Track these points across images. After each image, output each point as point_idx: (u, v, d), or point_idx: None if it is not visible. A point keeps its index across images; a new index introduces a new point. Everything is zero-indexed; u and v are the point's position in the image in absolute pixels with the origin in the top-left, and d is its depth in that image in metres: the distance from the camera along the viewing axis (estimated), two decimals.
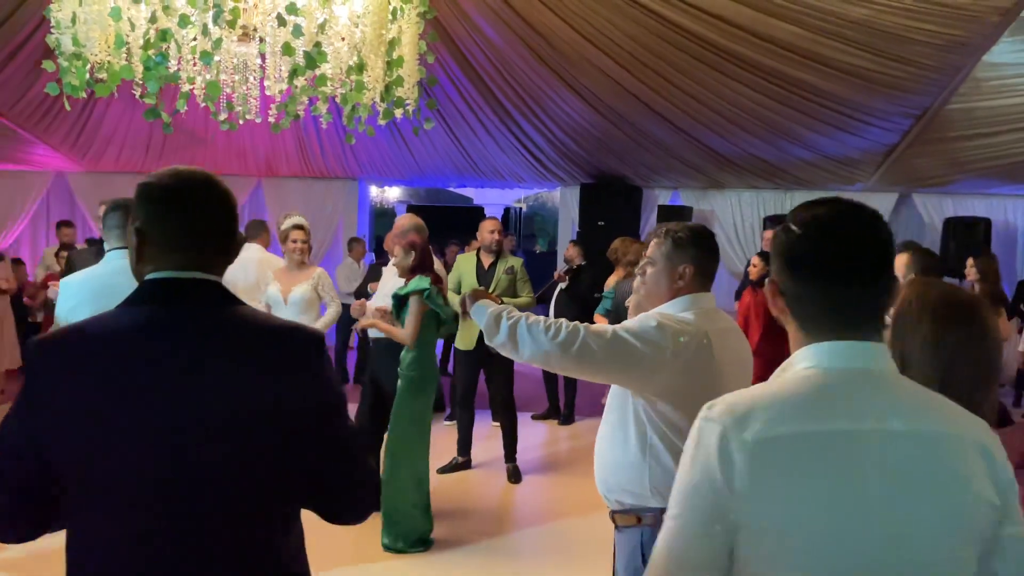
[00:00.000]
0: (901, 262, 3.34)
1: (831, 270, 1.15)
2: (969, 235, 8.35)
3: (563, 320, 2.07)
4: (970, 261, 5.95)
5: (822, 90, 6.19)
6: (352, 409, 4.58)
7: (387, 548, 4.09)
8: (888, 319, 1.63)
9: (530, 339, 2.05)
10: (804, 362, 1.17)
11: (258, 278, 5.16)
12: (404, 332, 4.04)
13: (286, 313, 4.69)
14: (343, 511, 1.43)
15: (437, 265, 4.86)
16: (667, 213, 9.11)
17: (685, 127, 7.54)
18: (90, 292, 2.88)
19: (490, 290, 5.31)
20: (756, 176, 8.89)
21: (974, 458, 1.11)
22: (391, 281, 4.53)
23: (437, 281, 4.07)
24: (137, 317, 1.32)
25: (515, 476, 5.39)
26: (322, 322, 4.73)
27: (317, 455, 1.34)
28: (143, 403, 1.25)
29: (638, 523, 2.10)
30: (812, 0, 4.82)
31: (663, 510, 1.20)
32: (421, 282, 4.00)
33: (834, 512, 1.05)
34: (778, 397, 1.12)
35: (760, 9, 5.09)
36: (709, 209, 9.66)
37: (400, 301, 4.08)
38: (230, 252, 1.44)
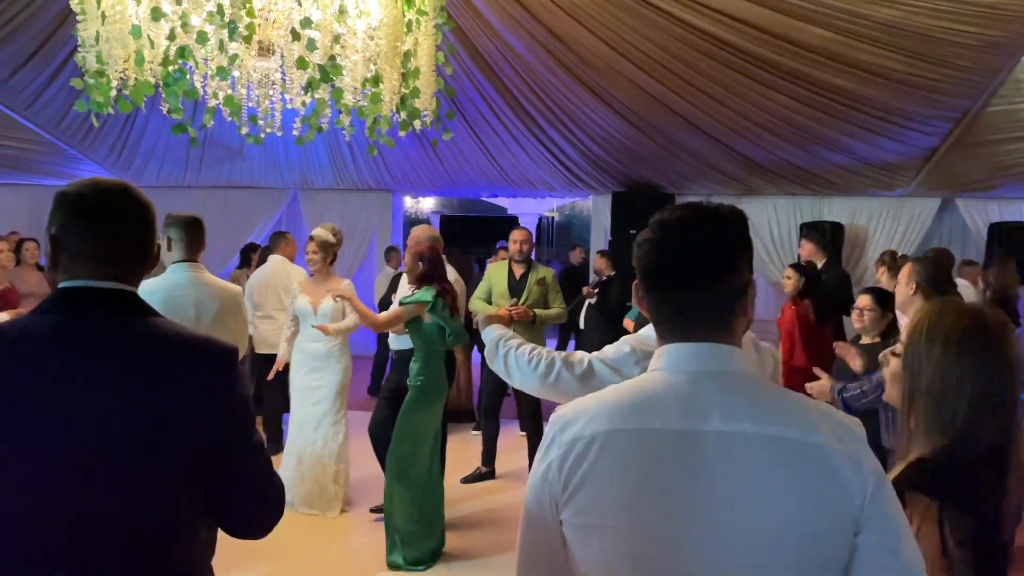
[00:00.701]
0: (904, 273, 3.24)
1: (667, 274, 1.17)
2: (1016, 240, 8.08)
3: (544, 351, 2.19)
4: (976, 269, 5.70)
5: (855, 94, 6.06)
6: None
7: (390, 566, 4.04)
8: (900, 344, 1.60)
9: (516, 369, 2.19)
10: (654, 364, 1.19)
11: (277, 288, 5.23)
12: (378, 319, 4.16)
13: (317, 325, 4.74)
14: (241, 525, 1.43)
15: (453, 275, 4.87)
16: None
17: (717, 134, 7.44)
18: (156, 304, 2.99)
19: (521, 300, 5.29)
20: (791, 182, 8.73)
21: (829, 464, 1.06)
22: (405, 290, 4.57)
23: (443, 294, 4.05)
24: (45, 324, 1.30)
25: None
26: (335, 327, 4.75)
27: (221, 468, 1.34)
28: (40, 411, 1.24)
29: None
30: (842, 3, 4.73)
31: None
32: (426, 293, 4.01)
33: (647, 510, 1.06)
34: (608, 399, 1.15)
35: (789, 13, 5.01)
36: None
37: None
38: (145, 262, 1.45)
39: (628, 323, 7.49)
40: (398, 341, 4.65)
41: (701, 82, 6.35)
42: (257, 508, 1.42)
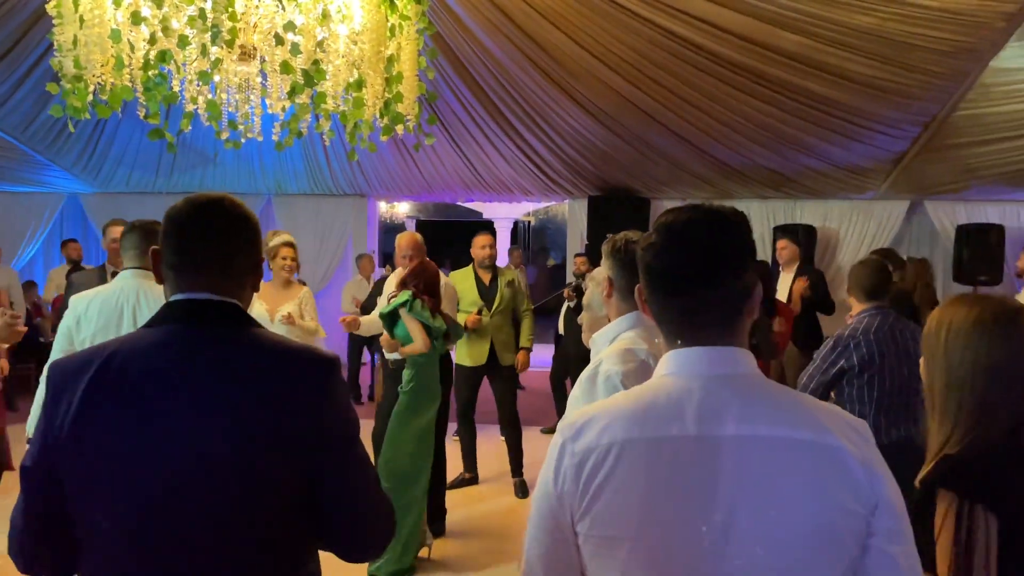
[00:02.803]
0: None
1: (674, 276, 1.16)
2: (982, 242, 8.26)
3: None
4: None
5: (829, 99, 6.15)
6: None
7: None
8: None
9: None
10: (662, 369, 1.18)
11: None
12: (412, 345, 4.00)
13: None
14: (356, 548, 1.36)
15: (444, 280, 4.86)
16: None
17: (692, 139, 7.51)
18: (96, 310, 2.93)
19: (494, 305, 5.29)
20: (765, 186, 8.85)
21: (844, 466, 1.07)
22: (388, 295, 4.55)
23: (420, 294, 4.01)
24: (158, 338, 1.31)
25: (522, 491, 5.36)
26: (301, 323, 4.67)
27: (328, 487, 1.28)
28: (154, 430, 1.23)
29: None
30: (817, 10, 4.80)
31: None
32: (402, 296, 3.98)
33: (668, 519, 1.05)
34: (621, 406, 1.14)
35: (765, 19, 5.07)
36: None
37: (389, 319, 4.05)
38: (245, 274, 1.42)
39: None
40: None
41: (677, 87, 6.41)
42: (366, 528, 1.36)
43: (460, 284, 5.33)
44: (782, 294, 6.36)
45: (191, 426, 1.22)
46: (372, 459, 4.28)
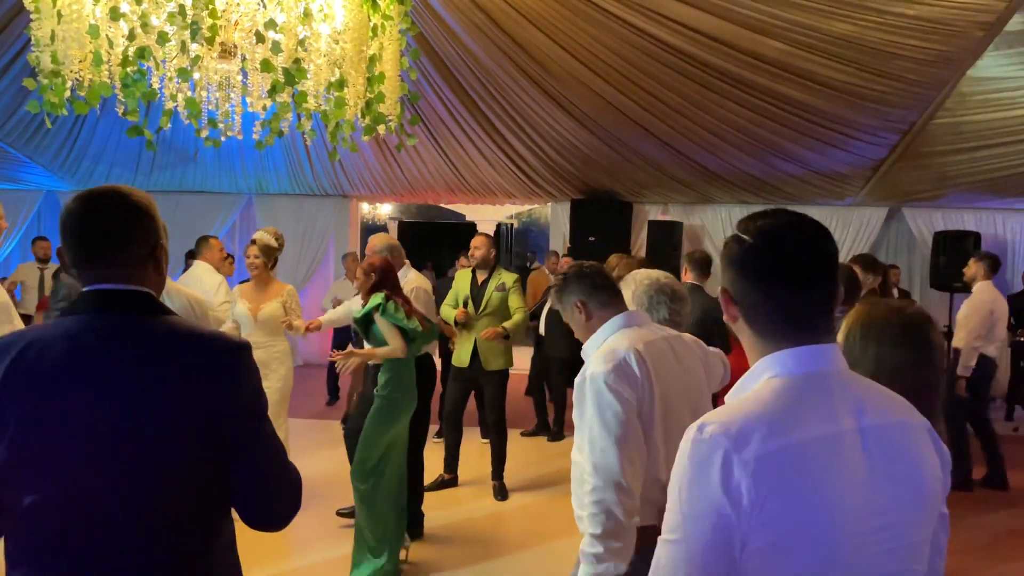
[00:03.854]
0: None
1: (784, 278, 1.19)
2: (959, 249, 8.37)
3: (583, 514, 2.04)
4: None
5: (809, 105, 6.21)
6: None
7: None
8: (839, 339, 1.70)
9: (604, 553, 1.99)
10: (768, 371, 1.18)
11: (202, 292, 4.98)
12: (387, 348, 3.94)
13: (256, 332, 4.64)
14: (262, 517, 1.46)
15: (419, 280, 4.84)
16: (657, 228, 9.12)
17: (673, 143, 7.56)
18: None
19: (481, 306, 5.31)
20: (745, 191, 8.91)
21: (927, 441, 1.22)
22: (350, 300, 4.55)
23: (393, 296, 3.95)
24: (72, 326, 1.38)
25: (501, 493, 5.35)
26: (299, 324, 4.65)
27: (238, 462, 1.39)
28: (68, 410, 1.31)
29: None
30: (797, 16, 4.84)
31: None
32: (374, 299, 3.92)
33: (833, 517, 1.08)
34: (764, 411, 1.12)
35: (745, 25, 5.11)
36: (700, 224, 9.68)
37: (364, 323, 4.00)
38: (141, 262, 1.47)
39: None
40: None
41: (659, 91, 6.44)
42: (272, 500, 1.45)
43: (460, 283, 5.50)
44: None
45: (104, 408, 1.31)
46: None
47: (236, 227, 10.56)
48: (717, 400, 2.21)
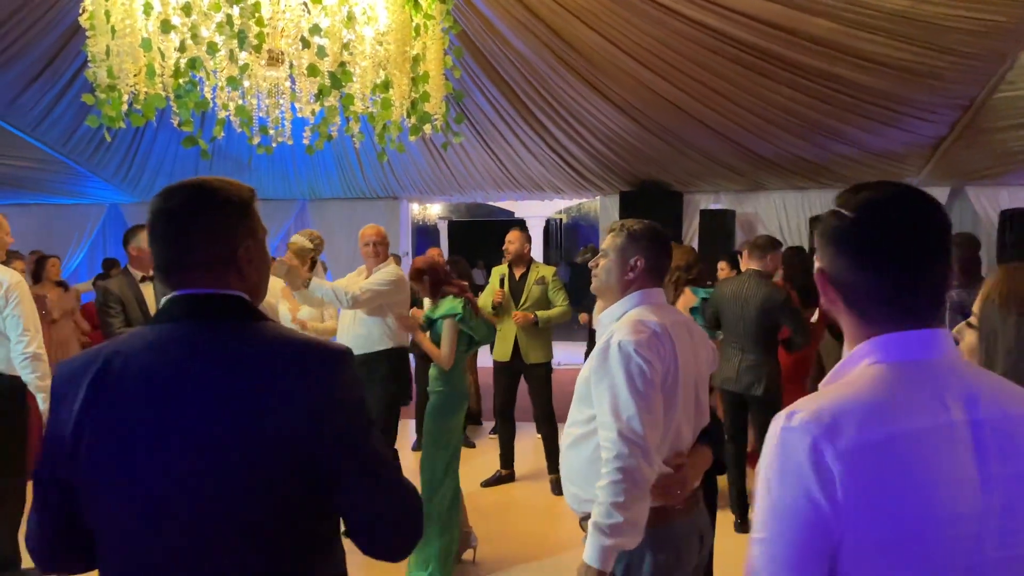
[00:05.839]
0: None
1: (890, 255, 1.09)
2: None
3: (601, 487, 1.99)
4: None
5: (861, 84, 6.04)
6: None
7: None
8: (974, 317, 1.61)
9: (624, 524, 1.95)
10: (868, 357, 1.10)
11: None
12: (437, 351, 3.96)
13: None
14: (380, 547, 1.30)
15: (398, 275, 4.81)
16: (709, 218, 9.00)
17: (723, 130, 7.43)
18: None
19: (521, 301, 5.36)
20: (799, 176, 8.72)
21: None
22: (355, 279, 4.63)
23: (467, 300, 3.99)
24: (158, 337, 1.28)
25: (558, 488, 5.36)
26: (314, 326, 4.72)
27: (343, 486, 1.23)
28: (150, 432, 1.20)
29: None
30: None
31: None
32: (453, 305, 3.94)
33: (942, 517, 1.00)
34: (860, 399, 1.04)
35: (793, 6, 5.00)
36: (753, 212, 9.50)
37: (432, 322, 4.07)
38: (234, 262, 1.34)
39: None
40: (353, 341, 4.46)
41: (707, 78, 6.35)
42: (385, 529, 1.28)
43: (497, 278, 5.57)
44: None
45: (193, 424, 1.19)
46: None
47: (291, 233, 10.77)
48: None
